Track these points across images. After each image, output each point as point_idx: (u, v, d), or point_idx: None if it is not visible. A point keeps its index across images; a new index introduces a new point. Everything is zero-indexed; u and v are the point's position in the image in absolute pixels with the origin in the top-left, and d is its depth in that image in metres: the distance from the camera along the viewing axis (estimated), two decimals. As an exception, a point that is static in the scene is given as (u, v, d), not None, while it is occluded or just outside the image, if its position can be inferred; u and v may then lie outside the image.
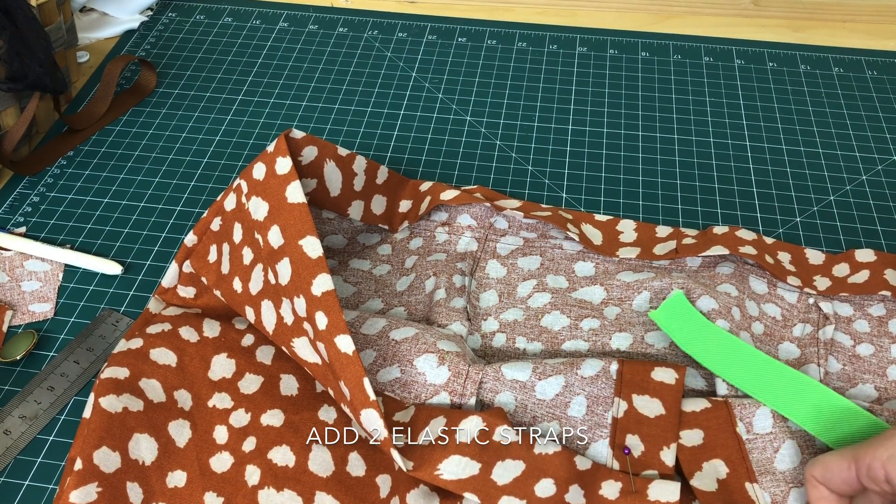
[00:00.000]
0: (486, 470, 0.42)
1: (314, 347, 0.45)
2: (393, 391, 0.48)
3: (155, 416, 0.45)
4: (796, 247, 0.58)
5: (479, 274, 0.56)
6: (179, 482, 0.44)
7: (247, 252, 0.49)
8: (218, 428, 0.46)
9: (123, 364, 0.47)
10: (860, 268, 0.56)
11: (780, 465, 0.44)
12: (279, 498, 0.43)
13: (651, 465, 0.43)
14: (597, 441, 0.44)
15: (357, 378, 0.42)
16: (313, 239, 0.46)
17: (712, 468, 0.43)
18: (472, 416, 0.44)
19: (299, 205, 0.47)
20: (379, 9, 0.85)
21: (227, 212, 0.52)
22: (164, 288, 0.53)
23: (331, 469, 0.44)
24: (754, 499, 0.42)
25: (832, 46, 0.80)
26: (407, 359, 0.48)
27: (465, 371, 0.47)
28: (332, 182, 0.55)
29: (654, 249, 0.57)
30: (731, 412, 0.45)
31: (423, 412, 0.46)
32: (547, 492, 0.41)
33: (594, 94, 0.74)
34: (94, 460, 0.42)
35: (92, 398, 0.45)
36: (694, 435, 0.44)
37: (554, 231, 0.59)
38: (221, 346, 0.50)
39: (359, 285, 0.56)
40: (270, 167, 0.49)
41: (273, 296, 0.47)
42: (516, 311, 0.54)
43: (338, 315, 0.43)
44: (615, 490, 0.41)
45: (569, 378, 0.46)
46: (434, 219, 0.59)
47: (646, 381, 0.46)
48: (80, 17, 0.82)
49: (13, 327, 0.54)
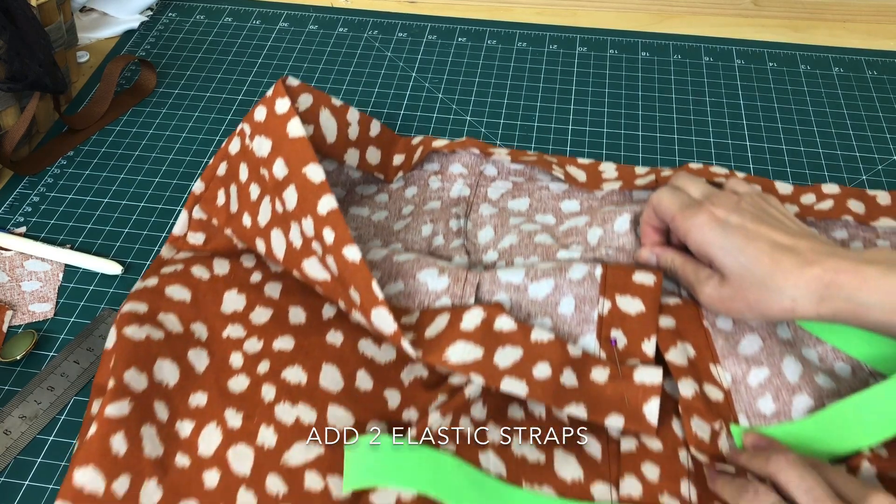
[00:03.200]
0: (488, 355, 0.46)
1: (323, 264, 0.49)
2: (398, 302, 0.51)
3: (175, 344, 0.48)
4: (767, 180, 0.62)
5: (473, 216, 0.60)
6: (201, 402, 0.47)
7: (254, 188, 0.52)
8: (233, 354, 0.49)
9: (142, 300, 0.50)
10: (825, 198, 0.60)
11: (743, 351, 0.49)
12: (294, 411, 0.46)
13: (634, 354, 0.48)
14: (585, 335, 0.49)
15: (365, 282, 0.46)
16: (315, 166, 0.49)
17: (683, 347, 0.49)
18: (474, 309, 0.48)
19: (300, 138, 0.50)
20: (379, 9, 0.85)
21: (232, 155, 0.55)
22: (175, 236, 0.56)
23: (341, 385, 0.47)
24: (717, 378, 0.48)
25: (832, 46, 0.80)
26: (410, 274, 0.52)
27: (463, 277, 0.51)
28: (328, 129, 0.58)
29: (634, 182, 0.61)
30: (698, 310, 0.51)
31: (428, 313, 0.50)
32: (544, 374, 0.45)
33: (594, 94, 0.74)
34: (124, 380, 0.45)
35: (114, 330, 0.48)
36: (667, 320, 0.50)
37: (540, 174, 0.62)
38: (232, 282, 0.53)
39: (358, 230, 0.59)
40: (271, 109, 0.52)
41: (282, 223, 0.50)
42: (511, 237, 0.57)
43: (344, 229, 0.47)
44: (604, 375, 0.46)
45: (558, 281, 0.51)
46: (427, 168, 0.63)
47: (627, 283, 0.51)
48: (80, 17, 0.82)
49: (13, 327, 0.54)
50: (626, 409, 0.45)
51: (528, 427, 0.47)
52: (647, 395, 0.45)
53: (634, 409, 0.45)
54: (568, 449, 0.46)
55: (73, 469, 0.42)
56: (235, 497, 0.43)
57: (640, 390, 0.45)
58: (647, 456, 0.45)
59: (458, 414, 0.45)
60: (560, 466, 0.45)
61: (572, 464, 0.45)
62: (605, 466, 0.45)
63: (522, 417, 0.47)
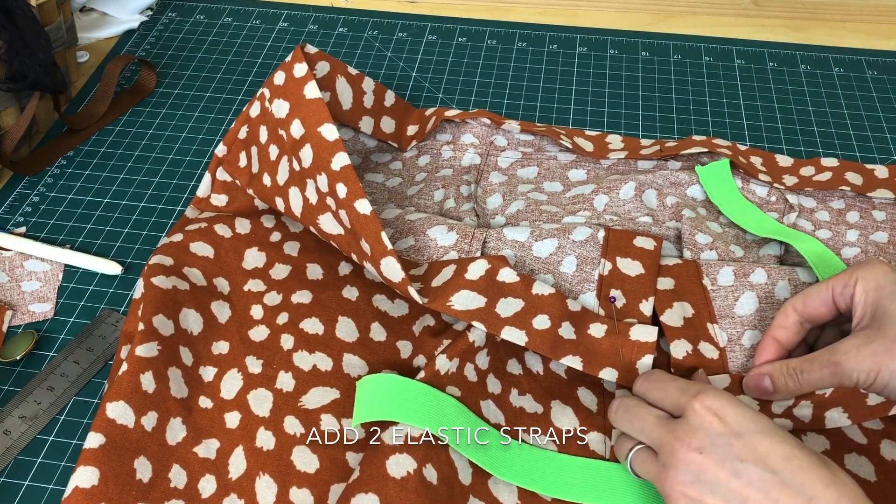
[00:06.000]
0: (490, 304, 0.47)
1: (337, 219, 0.51)
2: (409, 256, 0.54)
3: (199, 296, 0.51)
4: (767, 152, 0.64)
5: (483, 183, 0.62)
6: (223, 350, 0.49)
7: (273, 149, 0.55)
8: (254, 307, 0.52)
9: (168, 254, 0.53)
10: (824, 170, 0.62)
11: (739, 311, 0.50)
12: (312, 359, 0.48)
13: (631, 314, 0.49)
14: (585, 293, 0.51)
15: (375, 233, 0.48)
16: (330, 126, 0.51)
17: (680, 307, 0.50)
18: (479, 260, 0.50)
19: (317, 99, 0.52)
20: (379, 9, 0.85)
21: (253, 118, 0.57)
22: (199, 198, 0.59)
23: (356, 336, 0.50)
24: (713, 336, 0.49)
25: (832, 46, 0.80)
26: (420, 230, 0.55)
27: (471, 232, 0.54)
28: (344, 96, 0.60)
29: (639, 153, 0.63)
30: (698, 268, 0.52)
31: (435, 265, 0.52)
32: (543, 325, 0.47)
33: (594, 94, 0.74)
34: (153, 323, 0.47)
35: (141, 282, 0.51)
36: (666, 282, 0.51)
37: (549, 146, 0.65)
38: (252, 240, 0.55)
39: (373, 195, 0.61)
40: (289, 73, 0.54)
41: (298, 181, 0.52)
42: (518, 203, 0.59)
43: (356, 184, 0.49)
44: (601, 331, 0.48)
45: (561, 241, 0.53)
46: (439, 138, 0.65)
47: (628, 247, 0.52)
48: (80, 17, 0.82)
49: (13, 327, 0.54)
50: (620, 364, 0.46)
51: (525, 383, 0.49)
52: (641, 351, 0.46)
53: (628, 364, 0.46)
54: (565, 401, 0.48)
55: (105, 403, 0.44)
56: (255, 437, 0.45)
57: (634, 346, 0.47)
58: None
59: (464, 361, 0.47)
60: (556, 417, 0.47)
61: (569, 414, 0.47)
62: (601, 417, 0.47)
63: (521, 373, 0.49)
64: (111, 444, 0.42)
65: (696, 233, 0.55)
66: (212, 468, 0.44)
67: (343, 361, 0.48)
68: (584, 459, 0.45)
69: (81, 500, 0.41)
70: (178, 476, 0.43)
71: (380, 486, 0.41)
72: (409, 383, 0.45)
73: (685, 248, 0.55)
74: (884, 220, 0.58)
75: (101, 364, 0.51)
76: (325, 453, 0.44)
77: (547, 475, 0.44)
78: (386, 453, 0.42)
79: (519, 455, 0.45)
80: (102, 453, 0.42)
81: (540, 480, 0.44)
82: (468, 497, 0.43)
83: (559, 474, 0.44)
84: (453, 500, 0.42)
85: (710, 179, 0.60)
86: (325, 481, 0.43)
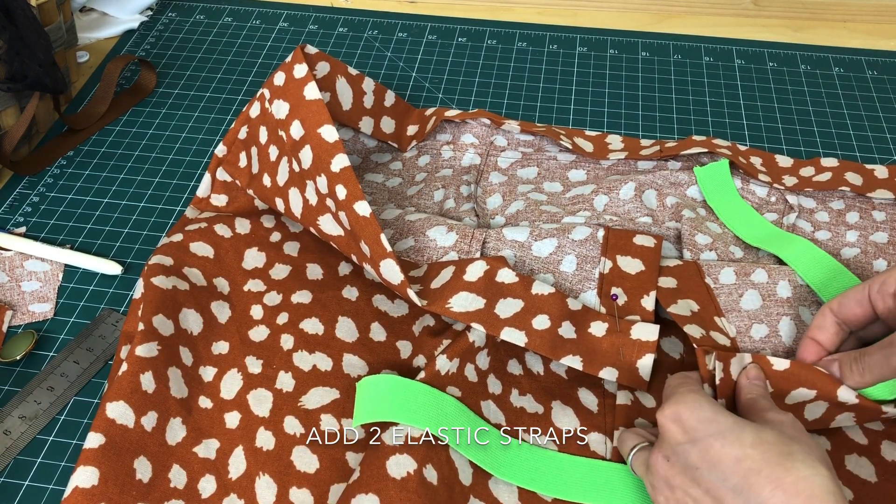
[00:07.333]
0: (490, 305, 0.47)
1: (337, 220, 0.51)
2: (409, 257, 0.54)
3: (199, 296, 0.51)
4: (767, 153, 0.64)
5: (483, 183, 0.62)
6: (223, 350, 0.49)
7: (273, 150, 0.55)
8: (254, 307, 0.52)
9: (168, 254, 0.53)
10: (824, 170, 0.62)
11: (745, 306, 0.50)
12: (312, 359, 0.49)
13: (633, 311, 0.49)
14: (586, 291, 0.51)
15: (375, 235, 0.48)
16: (330, 127, 0.51)
17: (685, 304, 0.49)
18: (478, 261, 0.50)
19: (316, 100, 0.52)
20: (379, 9, 0.85)
21: (253, 119, 0.57)
22: (199, 198, 0.59)
23: (356, 336, 0.50)
24: (722, 327, 0.48)
25: (832, 46, 0.80)
26: (420, 231, 0.55)
27: (470, 233, 0.54)
28: (344, 96, 0.60)
29: (639, 153, 0.63)
30: (699, 268, 0.52)
31: (435, 266, 0.52)
32: (543, 325, 0.47)
33: (594, 94, 0.74)
34: (153, 323, 0.47)
35: (141, 282, 0.51)
36: (668, 281, 0.51)
37: (549, 146, 0.65)
38: (252, 241, 0.56)
39: (373, 195, 0.61)
40: (289, 73, 0.54)
41: (298, 182, 0.52)
42: (518, 203, 0.59)
43: (355, 185, 0.49)
44: (602, 329, 0.47)
45: (561, 241, 0.53)
46: (439, 139, 0.65)
47: (628, 245, 0.52)
48: (80, 17, 0.82)
49: (13, 327, 0.54)
50: (621, 363, 0.46)
51: (526, 383, 0.49)
52: (642, 350, 0.46)
53: (629, 363, 0.46)
54: (565, 401, 0.48)
55: (105, 403, 0.44)
56: (255, 437, 0.45)
57: (635, 345, 0.46)
58: (640, 412, 0.47)
59: (464, 361, 0.47)
60: (557, 417, 0.47)
61: (569, 415, 0.47)
62: (601, 418, 0.47)
63: (521, 373, 0.49)
64: (111, 444, 0.42)
65: (695, 233, 0.55)
66: (212, 468, 0.44)
67: (343, 361, 0.48)
68: (584, 459, 0.45)
69: (81, 500, 0.41)
70: (178, 476, 0.43)
71: (380, 487, 0.41)
72: (409, 384, 0.45)
73: (685, 248, 0.55)
74: (884, 221, 0.58)
75: (101, 364, 0.51)
76: (325, 453, 0.44)
77: (547, 475, 0.44)
78: (386, 453, 0.42)
79: (519, 455, 0.45)
80: (102, 453, 0.42)
81: (540, 480, 0.44)
82: (468, 497, 0.43)
83: (559, 474, 0.44)
84: (453, 501, 0.42)
85: (708, 181, 0.60)
86: (325, 481, 0.43)
